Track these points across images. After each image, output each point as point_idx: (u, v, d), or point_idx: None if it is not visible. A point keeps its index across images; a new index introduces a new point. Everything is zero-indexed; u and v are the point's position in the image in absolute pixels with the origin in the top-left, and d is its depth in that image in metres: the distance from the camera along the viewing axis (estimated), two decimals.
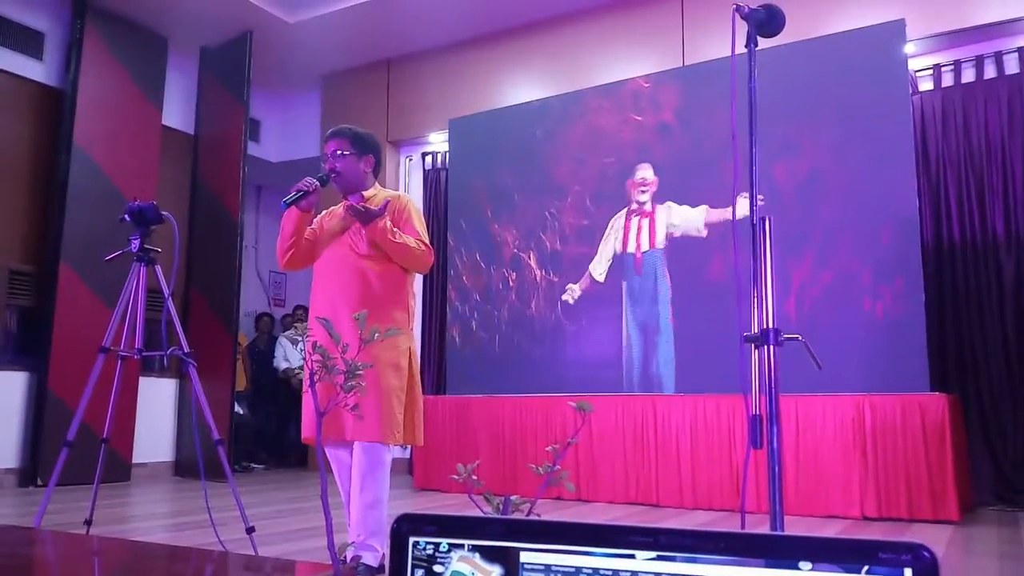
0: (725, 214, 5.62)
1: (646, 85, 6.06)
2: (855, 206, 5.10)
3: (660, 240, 5.87)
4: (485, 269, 6.60)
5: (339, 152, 2.93)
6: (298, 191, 2.83)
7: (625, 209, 6.07)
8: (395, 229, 2.83)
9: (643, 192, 6.00)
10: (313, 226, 3.02)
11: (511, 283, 6.44)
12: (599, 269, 6.16)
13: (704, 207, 5.72)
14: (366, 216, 2.76)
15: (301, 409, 3.10)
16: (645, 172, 6.03)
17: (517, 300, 6.39)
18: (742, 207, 4.90)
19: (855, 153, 5.14)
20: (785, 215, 5.13)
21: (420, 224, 2.95)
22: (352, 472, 2.81)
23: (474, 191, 6.72)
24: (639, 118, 6.05)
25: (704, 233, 5.71)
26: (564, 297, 6.21)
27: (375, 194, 2.98)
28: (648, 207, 5.96)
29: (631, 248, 5.98)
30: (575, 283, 6.20)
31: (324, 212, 3.09)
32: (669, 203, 5.87)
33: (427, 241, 2.93)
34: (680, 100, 5.89)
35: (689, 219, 5.79)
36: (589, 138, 6.26)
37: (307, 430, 2.91)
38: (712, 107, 5.59)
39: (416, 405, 2.89)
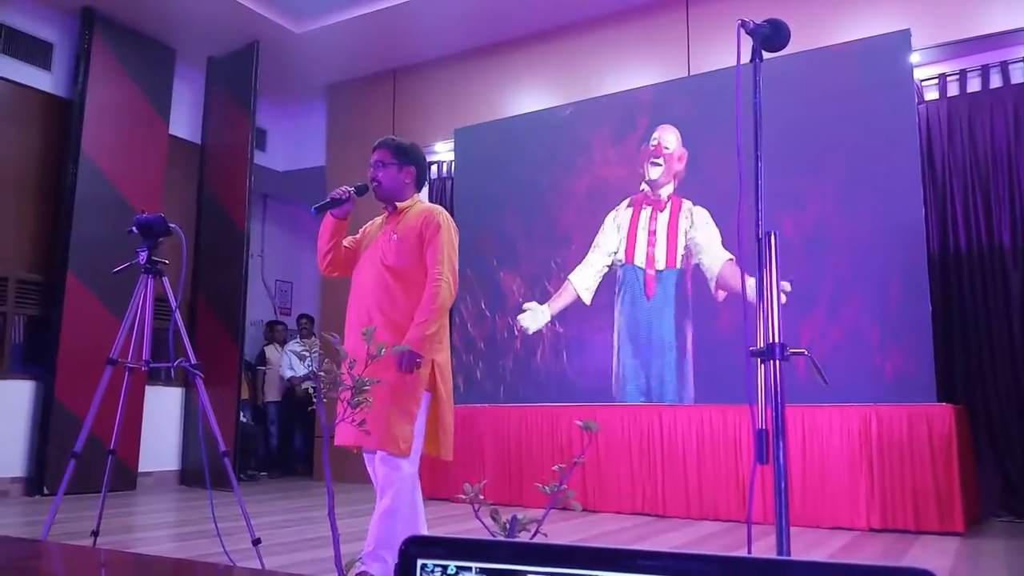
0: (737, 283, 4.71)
1: (645, 122, 5.82)
2: (860, 213, 5.09)
3: (680, 256, 4.74)
4: (490, 317, 6.41)
5: (380, 162, 2.94)
6: (331, 198, 2.87)
7: (626, 200, 5.50)
8: (422, 323, 2.72)
9: (655, 166, 4.67)
10: (357, 236, 3.03)
11: (516, 332, 6.26)
12: (586, 284, 5.36)
13: (730, 258, 4.86)
14: (410, 365, 2.69)
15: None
16: (666, 137, 4.87)
17: (523, 349, 6.21)
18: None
19: (861, 161, 5.13)
20: (792, 223, 5.12)
21: (448, 244, 2.84)
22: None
23: (478, 232, 6.41)
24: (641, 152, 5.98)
25: (714, 289, 4.82)
26: (522, 322, 5.64)
27: (411, 204, 2.97)
28: (664, 194, 4.96)
29: (640, 261, 5.02)
30: (542, 303, 5.61)
31: (368, 223, 3.08)
32: (690, 206, 5.12)
33: (443, 267, 2.81)
34: (685, 111, 5.86)
35: (711, 250, 4.94)
36: (593, 186, 5.92)
37: (339, 438, 2.83)
38: (718, 117, 5.56)
39: (442, 419, 2.83)
